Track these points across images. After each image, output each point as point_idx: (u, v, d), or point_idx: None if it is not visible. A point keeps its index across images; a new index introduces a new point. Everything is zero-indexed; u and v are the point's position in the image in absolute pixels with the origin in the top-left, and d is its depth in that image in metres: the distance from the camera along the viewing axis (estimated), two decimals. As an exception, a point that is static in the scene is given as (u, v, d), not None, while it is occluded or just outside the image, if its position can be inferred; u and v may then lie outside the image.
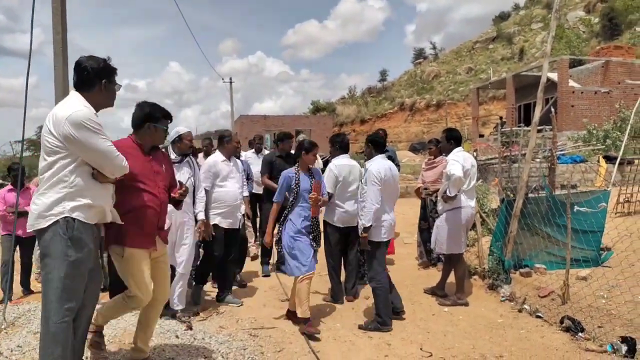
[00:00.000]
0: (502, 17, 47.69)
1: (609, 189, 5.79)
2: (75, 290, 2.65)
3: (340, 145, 5.02)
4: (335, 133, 5.38)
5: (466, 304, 4.88)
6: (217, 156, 4.89)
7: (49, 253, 2.59)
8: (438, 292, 5.23)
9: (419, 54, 52.08)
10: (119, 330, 4.10)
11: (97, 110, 2.75)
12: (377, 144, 4.46)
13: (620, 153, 9.81)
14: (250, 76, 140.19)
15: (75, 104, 2.62)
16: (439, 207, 5.08)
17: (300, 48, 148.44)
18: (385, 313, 4.26)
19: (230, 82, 31.78)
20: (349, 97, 49.67)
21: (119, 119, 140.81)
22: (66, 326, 2.61)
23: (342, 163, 4.95)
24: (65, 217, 2.57)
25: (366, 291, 5.34)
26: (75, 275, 2.62)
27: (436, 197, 5.82)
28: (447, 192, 4.78)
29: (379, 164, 4.29)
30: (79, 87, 2.74)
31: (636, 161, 9.78)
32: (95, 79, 2.72)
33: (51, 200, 2.58)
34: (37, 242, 2.74)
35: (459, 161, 4.74)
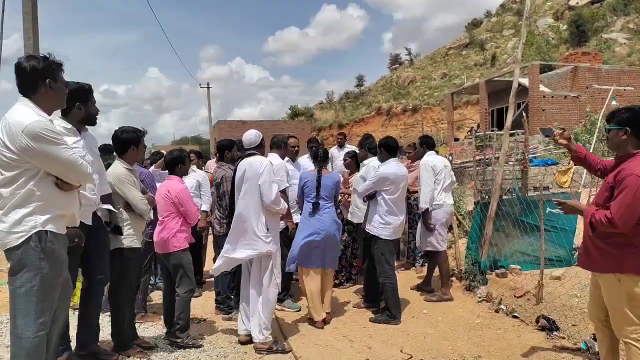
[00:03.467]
0: (475, 24, 48.61)
1: (579, 191, 5.98)
2: (49, 304, 2.57)
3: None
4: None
5: (451, 299, 5.07)
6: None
7: (21, 266, 2.48)
8: (425, 288, 5.43)
9: (395, 60, 52.59)
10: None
11: (49, 114, 2.60)
12: (389, 148, 4.66)
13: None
14: (231, 82, 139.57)
15: (29, 114, 2.45)
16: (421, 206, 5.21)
17: (281, 55, 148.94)
18: (395, 307, 4.51)
19: (208, 88, 31.59)
20: (327, 102, 49.83)
21: (97, 125, 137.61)
22: (39, 341, 2.52)
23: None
24: (38, 231, 2.48)
25: (347, 293, 5.36)
26: (49, 288, 2.54)
27: (414, 199, 5.94)
28: (421, 206, 5.14)
29: (392, 167, 4.56)
30: (23, 92, 2.54)
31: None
32: (38, 81, 2.52)
33: (20, 215, 2.46)
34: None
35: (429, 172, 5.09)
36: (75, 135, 3.07)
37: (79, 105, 3.17)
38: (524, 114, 8.31)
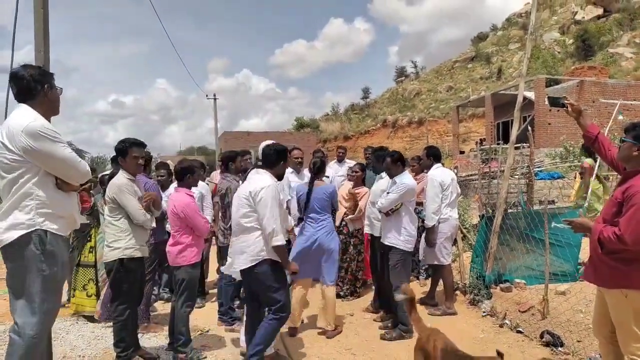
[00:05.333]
0: (481, 37, 48.82)
1: (585, 205, 5.94)
2: (52, 305, 2.65)
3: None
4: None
5: (455, 313, 5.03)
6: None
7: (24, 270, 2.55)
8: (428, 301, 5.37)
9: (401, 73, 52.87)
10: (99, 351, 4.02)
11: (47, 120, 2.69)
12: (404, 161, 4.73)
13: (596, 170, 10.04)
14: (238, 94, 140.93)
15: (28, 115, 2.56)
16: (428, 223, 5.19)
17: (288, 67, 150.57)
18: (409, 321, 4.39)
19: (215, 99, 31.83)
20: (333, 114, 50.02)
21: (104, 135, 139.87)
22: (39, 341, 2.59)
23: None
24: (37, 229, 2.55)
25: (351, 306, 5.34)
26: (51, 289, 2.61)
27: (419, 211, 5.93)
28: (427, 223, 5.07)
29: (410, 178, 4.67)
30: (22, 99, 2.66)
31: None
32: (36, 86, 2.65)
33: (19, 214, 2.54)
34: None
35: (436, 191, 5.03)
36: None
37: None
38: (529, 127, 8.32)
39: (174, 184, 4.45)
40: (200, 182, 5.56)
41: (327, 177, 6.97)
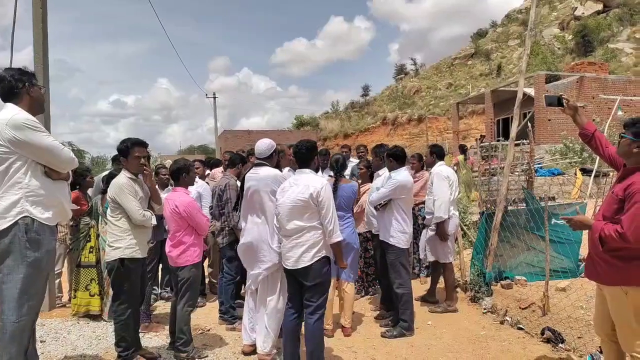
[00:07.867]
0: (480, 34, 48.68)
1: (585, 201, 5.94)
2: (36, 291, 2.73)
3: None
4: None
5: (455, 311, 5.04)
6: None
7: (8, 254, 2.65)
8: (429, 299, 5.40)
9: (401, 70, 52.74)
10: (100, 351, 4.03)
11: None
12: (397, 157, 4.66)
13: (596, 165, 10.06)
14: (239, 93, 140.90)
15: (11, 110, 2.74)
16: (428, 217, 5.20)
17: (289, 66, 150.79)
18: (411, 318, 4.49)
19: (214, 98, 31.85)
20: (333, 112, 49.98)
21: (105, 135, 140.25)
22: (23, 325, 2.66)
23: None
24: (25, 216, 2.67)
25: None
26: (35, 275, 2.70)
27: (419, 209, 5.93)
28: (432, 219, 5.06)
29: (406, 175, 4.57)
30: (7, 99, 2.83)
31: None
32: (17, 84, 2.82)
33: (8, 202, 2.67)
34: None
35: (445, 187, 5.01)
36: None
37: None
38: (529, 124, 8.30)
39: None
40: (199, 181, 5.53)
41: (331, 176, 6.96)
